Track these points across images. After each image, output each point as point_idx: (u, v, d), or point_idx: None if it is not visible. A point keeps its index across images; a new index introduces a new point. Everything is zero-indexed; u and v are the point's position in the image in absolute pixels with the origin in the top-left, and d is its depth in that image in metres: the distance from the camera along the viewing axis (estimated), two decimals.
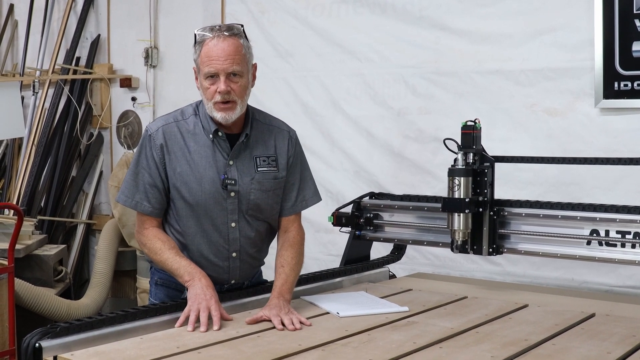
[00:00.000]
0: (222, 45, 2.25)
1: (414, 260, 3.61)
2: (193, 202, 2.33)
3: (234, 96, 2.27)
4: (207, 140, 2.35)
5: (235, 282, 2.46)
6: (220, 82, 2.25)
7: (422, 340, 2.00)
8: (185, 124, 2.37)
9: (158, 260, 2.34)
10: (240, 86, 2.28)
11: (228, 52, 2.25)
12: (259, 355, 1.83)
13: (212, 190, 2.32)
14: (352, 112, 3.95)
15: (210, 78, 2.27)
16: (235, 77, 2.27)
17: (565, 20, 3.26)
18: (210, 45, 2.25)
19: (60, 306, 4.13)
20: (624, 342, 1.99)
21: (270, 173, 2.40)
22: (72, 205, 5.30)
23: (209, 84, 2.27)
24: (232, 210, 2.36)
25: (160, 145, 2.33)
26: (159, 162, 2.33)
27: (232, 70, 2.25)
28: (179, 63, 4.86)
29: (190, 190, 2.32)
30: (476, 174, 2.68)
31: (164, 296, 2.45)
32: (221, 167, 2.34)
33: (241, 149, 2.37)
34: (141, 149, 2.37)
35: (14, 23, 5.87)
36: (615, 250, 2.49)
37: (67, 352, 1.85)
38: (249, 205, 2.37)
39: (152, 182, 2.34)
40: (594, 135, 3.20)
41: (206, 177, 2.32)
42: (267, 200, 2.40)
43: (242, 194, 2.35)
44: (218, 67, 2.24)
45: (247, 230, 2.39)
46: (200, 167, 2.33)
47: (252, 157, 2.38)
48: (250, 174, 2.36)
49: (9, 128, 4.97)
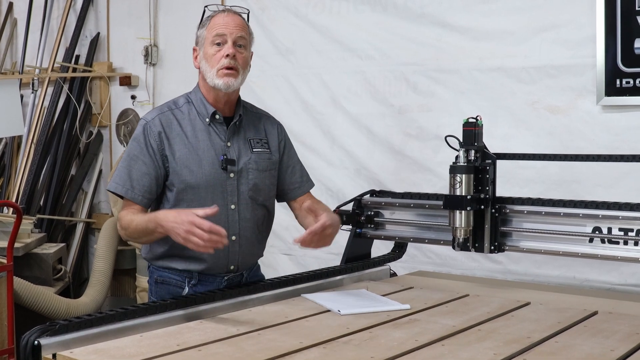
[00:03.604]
0: (232, 17, 2.43)
1: (415, 259, 3.60)
2: (195, 185, 2.39)
3: (238, 64, 2.40)
4: (203, 125, 2.45)
5: (234, 268, 2.47)
6: (227, 46, 2.39)
7: (424, 337, 1.99)
8: (179, 112, 2.46)
9: (133, 231, 2.33)
10: (244, 57, 2.43)
11: (237, 23, 2.43)
12: (260, 353, 1.82)
13: (212, 172, 2.40)
14: (353, 109, 3.94)
15: (216, 45, 2.40)
16: (240, 48, 2.41)
17: (567, 17, 3.25)
18: (221, 16, 2.43)
19: (59, 305, 4.11)
20: (627, 340, 1.98)
21: (264, 154, 2.51)
22: (72, 203, 5.29)
23: (215, 51, 2.40)
24: (231, 192, 2.43)
25: (158, 132, 2.39)
26: (156, 149, 2.39)
27: (240, 35, 2.41)
28: (178, 61, 4.85)
29: (191, 172, 2.39)
30: (478, 171, 2.66)
31: (166, 294, 2.44)
32: (219, 149, 2.43)
33: (235, 131, 2.48)
34: (136, 138, 2.41)
35: (13, 21, 5.85)
36: (617, 247, 2.48)
37: (66, 350, 1.84)
38: (248, 186, 2.45)
39: (146, 170, 2.38)
40: (596, 132, 3.19)
41: (205, 159, 2.40)
42: (264, 180, 2.50)
43: (241, 175, 2.44)
44: (227, 30, 2.39)
45: (245, 212, 2.45)
46: (199, 150, 2.41)
47: (247, 139, 2.49)
48: (247, 155, 2.47)
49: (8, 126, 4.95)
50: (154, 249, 2.48)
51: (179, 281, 2.46)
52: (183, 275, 2.45)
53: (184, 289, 2.44)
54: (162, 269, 2.49)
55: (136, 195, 2.38)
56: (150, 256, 2.52)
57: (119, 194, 2.40)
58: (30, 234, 4.46)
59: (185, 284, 2.44)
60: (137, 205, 2.38)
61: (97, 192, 5.38)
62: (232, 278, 2.48)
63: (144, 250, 2.54)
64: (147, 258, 2.54)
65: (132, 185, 2.37)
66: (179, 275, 2.46)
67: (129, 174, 2.38)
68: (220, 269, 2.45)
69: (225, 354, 1.82)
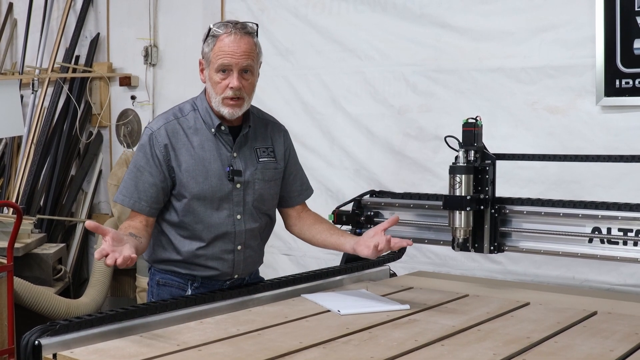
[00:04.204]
0: (239, 43, 2.31)
1: (414, 259, 3.60)
2: (201, 196, 2.37)
3: (243, 93, 2.34)
4: (210, 135, 2.40)
5: (237, 277, 2.48)
6: (232, 78, 2.31)
7: (423, 338, 1.99)
8: (185, 121, 2.41)
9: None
10: (250, 84, 2.36)
11: (243, 49, 2.31)
12: (260, 353, 1.82)
13: (218, 183, 2.38)
14: (353, 110, 3.94)
15: (222, 73, 2.32)
16: (246, 74, 2.34)
17: (566, 18, 3.25)
18: (227, 41, 2.31)
19: (59, 305, 4.12)
20: (627, 340, 1.98)
21: (270, 163, 2.49)
22: (72, 204, 5.29)
23: (221, 79, 2.32)
24: (237, 202, 2.41)
25: (164, 144, 2.36)
26: (162, 160, 2.36)
27: (246, 64, 2.32)
28: (178, 61, 4.86)
29: (197, 184, 2.36)
30: (477, 172, 2.67)
31: (167, 295, 2.44)
32: (225, 159, 2.40)
33: (243, 142, 2.44)
34: (142, 148, 2.39)
35: (13, 21, 5.86)
36: (617, 248, 2.48)
37: (66, 350, 1.84)
38: (254, 196, 2.44)
39: (153, 181, 2.36)
40: (595, 133, 3.20)
41: (212, 170, 2.37)
42: (269, 190, 2.48)
43: (247, 185, 2.42)
44: (233, 61, 2.30)
45: (251, 222, 2.45)
46: (206, 161, 2.37)
47: (253, 149, 2.46)
48: (253, 165, 2.44)
49: (8, 126, 4.95)
50: (158, 253, 2.48)
51: (182, 284, 2.46)
52: (186, 279, 2.45)
53: (186, 291, 2.44)
54: (164, 271, 2.48)
55: (143, 207, 2.36)
56: (152, 259, 2.51)
57: (128, 206, 2.39)
58: (30, 234, 4.46)
59: (187, 287, 2.45)
60: (143, 215, 2.37)
61: (97, 193, 5.38)
62: (234, 282, 2.50)
63: (147, 252, 2.51)
64: (149, 260, 2.54)
65: (139, 197, 2.36)
66: (182, 279, 2.46)
67: (135, 185, 2.37)
68: (224, 277, 2.47)
69: (225, 354, 1.82)
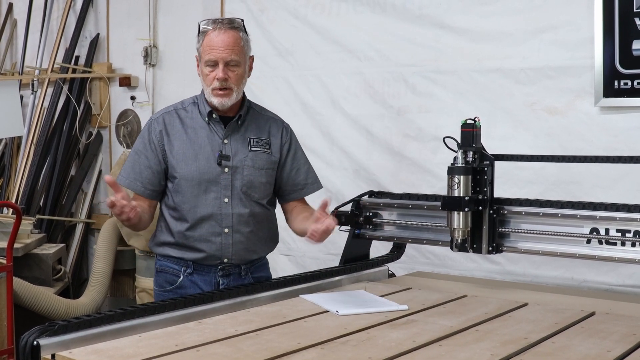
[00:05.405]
0: (223, 37, 2.49)
1: (413, 259, 3.60)
2: (189, 177, 2.53)
3: (230, 83, 2.51)
4: (203, 123, 2.60)
5: (228, 261, 2.58)
6: (218, 70, 2.48)
7: (421, 338, 1.99)
8: (183, 111, 2.63)
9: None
10: (237, 75, 2.53)
11: (227, 43, 2.49)
12: (258, 354, 1.83)
13: (206, 166, 2.54)
14: (352, 110, 3.94)
15: (210, 66, 2.51)
16: (232, 67, 2.51)
17: (565, 19, 3.25)
18: (212, 36, 2.50)
19: (59, 305, 4.12)
20: (624, 341, 1.99)
21: (263, 153, 2.62)
22: (71, 204, 5.29)
23: (209, 71, 2.52)
24: (225, 186, 2.55)
25: (159, 130, 2.58)
26: (157, 145, 2.57)
27: (230, 59, 2.49)
28: (178, 62, 4.86)
29: (186, 165, 2.54)
30: (476, 173, 2.67)
31: (163, 281, 2.64)
32: (216, 146, 2.56)
33: (234, 130, 2.59)
34: (142, 134, 2.62)
35: (13, 22, 5.86)
36: (615, 248, 2.48)
37: (65, 350, 1.84)
38: (243, 182, 2.57)
39: (148, 164, 2.57)
40: (594, 133, 3.20)
41: (202, 154, 2.55)
42: (259, 178, 2.60)
43: (236, 170, 2.56)
44: (217, 55, 2.48)
45: (239, 207, 2.57)
46: (196, 146, 2.55)
47: (246, 139, 2.61)
48: (244, 152, 2.58)
49: (8, 127, 4.95)
50: (157, 236, 2.66)
51: (176, 269, 2.61)
52: (180, 264, 2.60)
53: (179, 277, 2.57)
54: (162, 257, 2.66)
55: (138, 187, 2.58)
56: (152, 244, 2.70)
57: (124, 186, 2.55)
58: (30, 235, 4.47)
59: (181, 273, 2.59)
60: (143, 197, 2.58)
61: (96, 193, 5.38)
62: (227, 269, 2.57)
63: (150, 240, 2.72)
64: (150, 246, 2.72)
65: (135, 178, 2.58)
66: (176, 264, 2.61)
67: (132, 167, 2.60)
68: (214, 260, 2.58)
69: (224, 355, 1.82)
